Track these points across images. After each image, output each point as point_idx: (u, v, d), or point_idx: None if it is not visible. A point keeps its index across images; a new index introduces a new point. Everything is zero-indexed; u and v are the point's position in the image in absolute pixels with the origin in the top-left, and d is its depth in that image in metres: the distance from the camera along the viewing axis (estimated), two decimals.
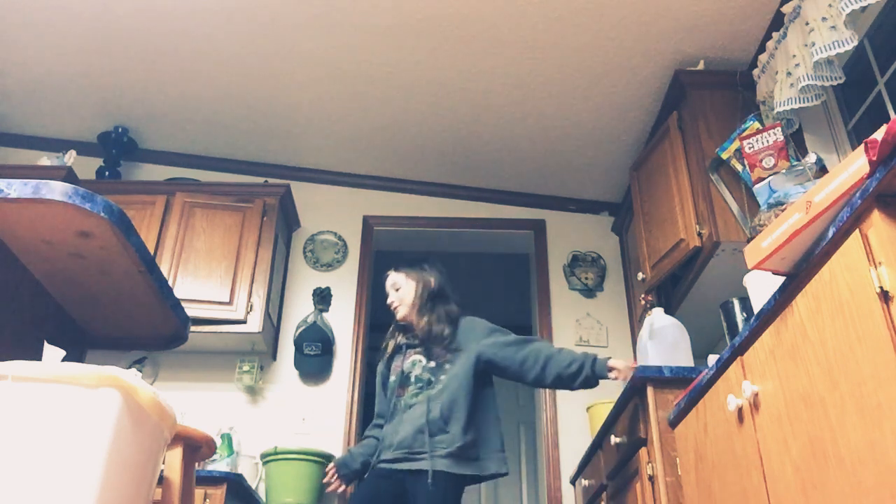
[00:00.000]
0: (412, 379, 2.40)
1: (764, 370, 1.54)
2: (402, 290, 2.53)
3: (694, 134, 2.99)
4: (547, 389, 3.85)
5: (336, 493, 3.55)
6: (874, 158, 1.13)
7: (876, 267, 1.14)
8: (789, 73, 2.58)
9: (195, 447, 1.85)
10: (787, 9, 2.65)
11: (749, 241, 2.25)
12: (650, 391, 2.24)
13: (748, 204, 2.75)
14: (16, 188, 1.40)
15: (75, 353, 1.91)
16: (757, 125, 2.76)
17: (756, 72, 2.96)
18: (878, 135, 1.11)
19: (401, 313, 2.53)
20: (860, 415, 1.18)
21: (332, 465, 2.58)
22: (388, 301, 2.53)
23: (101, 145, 4.17)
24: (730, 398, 1.66)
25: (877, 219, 1.15)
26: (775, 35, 2.76)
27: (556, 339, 3.97)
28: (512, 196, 4.35)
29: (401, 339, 2.53)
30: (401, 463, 2.27)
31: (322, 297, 3.99)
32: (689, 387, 2.00)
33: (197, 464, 2.10)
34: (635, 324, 3.84)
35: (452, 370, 2.37)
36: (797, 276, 1.40)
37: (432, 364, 2.40)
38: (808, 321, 1.35)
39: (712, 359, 2.23)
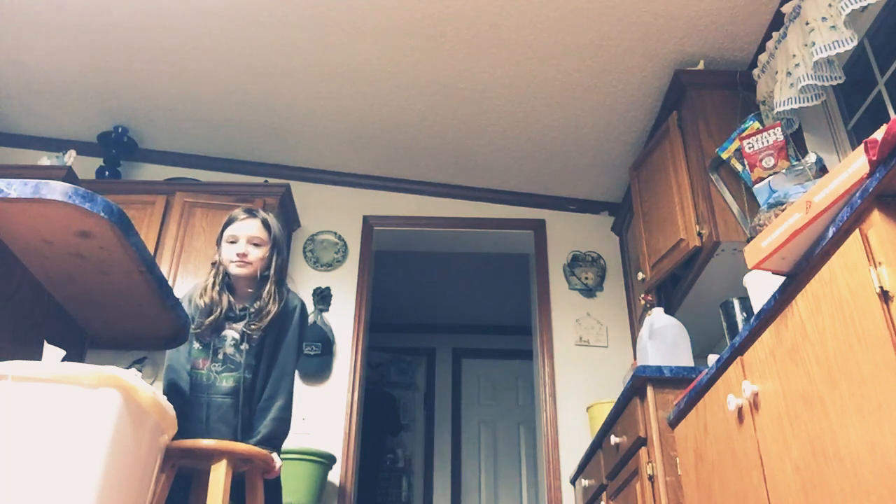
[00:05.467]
0: (220, 356, 2.11)
1: (764, 370, 1.54)
2: (261, 250, 2.17)
3: (694, 134, 2.99)
4: (539, 392, 3.86)
5: (336, 494, 3.56)
6: (874, 158, 1.13)
7: (876, 267, 1.14)
8: (789, 73, 2.58)
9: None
10: (787, 9, 2.65)
11: (749, 240, 2.24)
12: (650, 391, 2.24)
13: (748, 204, 2.75)
14: (16, 188, 1.40)
15: (75, 353, 1.91)
16: (757, 125, 2.76)
17: (756, 72, 2.96)
18: (878, 135, 1.11)
19: (245, 270, 2.15)
20: (860, 415, 1.18)
21: None
22: (240, 252, 2.13)
23: (101, 145, 4.17)
24: (730, 398, 1.66)
25: (877, 219, 1.15)
26: (775, 35, 2.76)
27: (556, 338, 3.97)
28: (512, 196, 4.36)
29: (225, 303, 2.15)
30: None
31: (322, 297, 4.00)
32: (689, 387, 2.00)
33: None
34: (635, 324, 3.84)
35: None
36: (797, 276, 1.40)
37: (243, 346, 2.12)
38: (808, 321, 1.35)
39: (712, 359, 2.24)
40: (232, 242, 2.17)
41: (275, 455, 2.03)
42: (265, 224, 2.21)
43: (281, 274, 2.22)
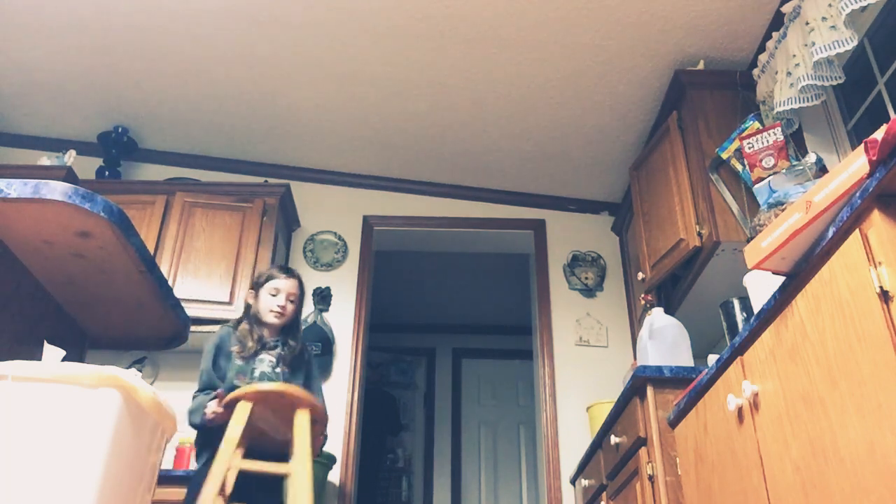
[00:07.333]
0: (256, 374, 2.39)
1: (764, 370, 1.54)
2: (294, 306, 2.51)
3: (694, 134, 2.99)
4: (539, 392, 3.86)
5: (336, 494, 3.56)
6: (874, 158, 1.13)
7: (876, 267, 1.14)
8: (789, 73, 2.58)
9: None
10: (787, 8, 2.65)
11: (749, 240, 2.24)
12: (650, 391, 2.24)
13: (748, 204, 2.75)
14: (16, 188, 1.40)
15: (75, 353, 1.91)
16: (757, 125, 2.76)
17: (756, 72, 2.96)
18: (878, 135, 1.11)
19: (280, 321, 2.47)
20: (860, 415, 1.18)
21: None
22: (280, 305, 2.45)
23: (101, 145, 4.17)
24: (730, 398, 1.66)
25: (877, 219, 1.15)
26: (775, 35, 2.76)
27: (556, 338, 3.97)
28: (512, 196, 4.35)
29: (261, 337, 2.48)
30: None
31: (322, 297, 4.00)
32: (689, 387, 2.00)
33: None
34: (635, 324, 3.84)
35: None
36: (797, 276, 1.40)
37: (278, 370, 2.45)
38: (808, 321, 1.35)
39: (712, 359, 2.23)
40: (273, 295, 2.48)
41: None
42: (300, 283, 2.56)
43: (299, 320, 2.60)
